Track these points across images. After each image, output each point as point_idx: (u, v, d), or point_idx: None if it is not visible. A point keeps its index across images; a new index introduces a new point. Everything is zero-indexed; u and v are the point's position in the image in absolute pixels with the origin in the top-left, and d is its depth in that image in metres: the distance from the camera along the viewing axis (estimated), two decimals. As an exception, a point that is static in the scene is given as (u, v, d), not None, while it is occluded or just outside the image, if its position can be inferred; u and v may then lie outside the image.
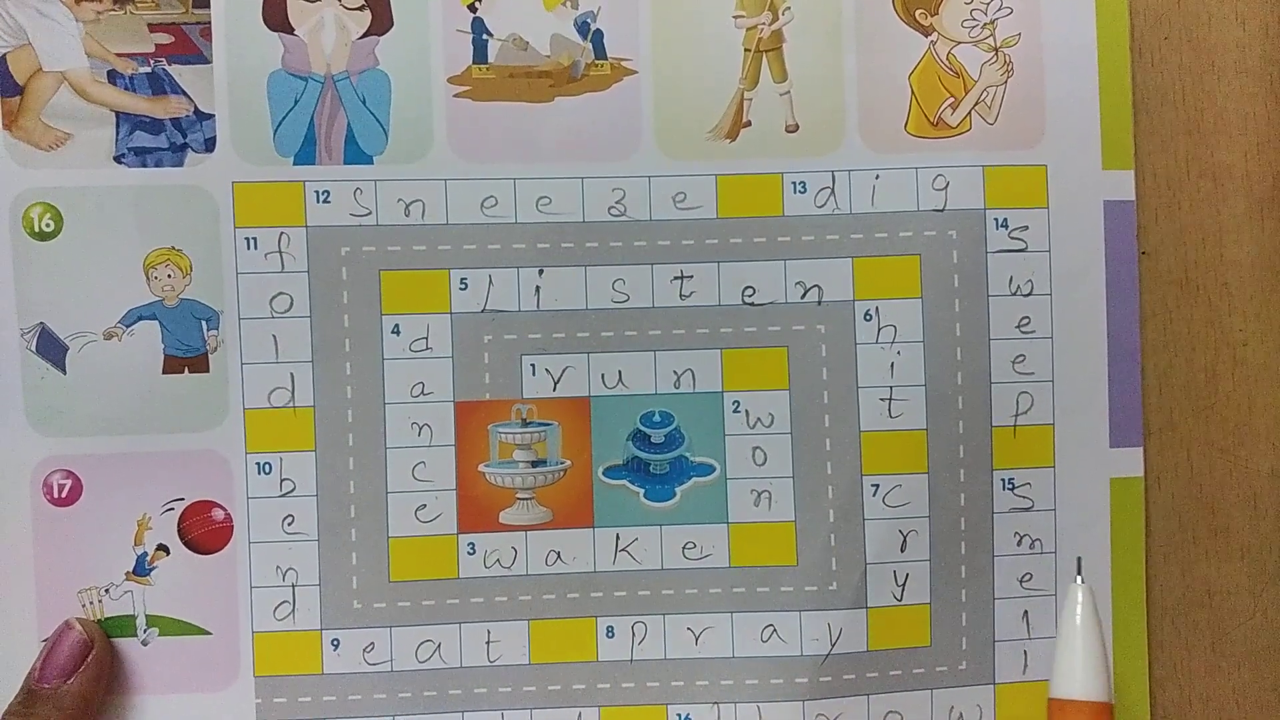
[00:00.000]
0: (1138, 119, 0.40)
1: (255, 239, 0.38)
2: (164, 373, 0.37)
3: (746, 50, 0.39)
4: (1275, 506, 0.40)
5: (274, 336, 0.38)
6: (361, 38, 0.38)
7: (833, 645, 0.39)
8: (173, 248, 0.37)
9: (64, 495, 0.37)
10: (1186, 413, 0.40)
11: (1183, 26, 0.40)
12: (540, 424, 0.38)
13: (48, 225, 0.37)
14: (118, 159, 0.37)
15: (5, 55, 0.37)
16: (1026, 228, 0.39)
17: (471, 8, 0.38)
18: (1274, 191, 0.40)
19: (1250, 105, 0.40)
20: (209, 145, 0.37)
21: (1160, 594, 0.40)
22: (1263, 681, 0.40)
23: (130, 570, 0.37)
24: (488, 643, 0.38)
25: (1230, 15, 0.40)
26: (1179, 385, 0.40)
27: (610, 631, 0.38)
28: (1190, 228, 0.40)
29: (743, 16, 0.39)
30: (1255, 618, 0.40)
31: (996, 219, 0.39)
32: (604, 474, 0.38)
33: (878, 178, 0.39)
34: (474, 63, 0.38)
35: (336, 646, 0.38)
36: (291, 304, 0.38)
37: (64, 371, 0.37)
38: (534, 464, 0.38)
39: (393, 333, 0.38)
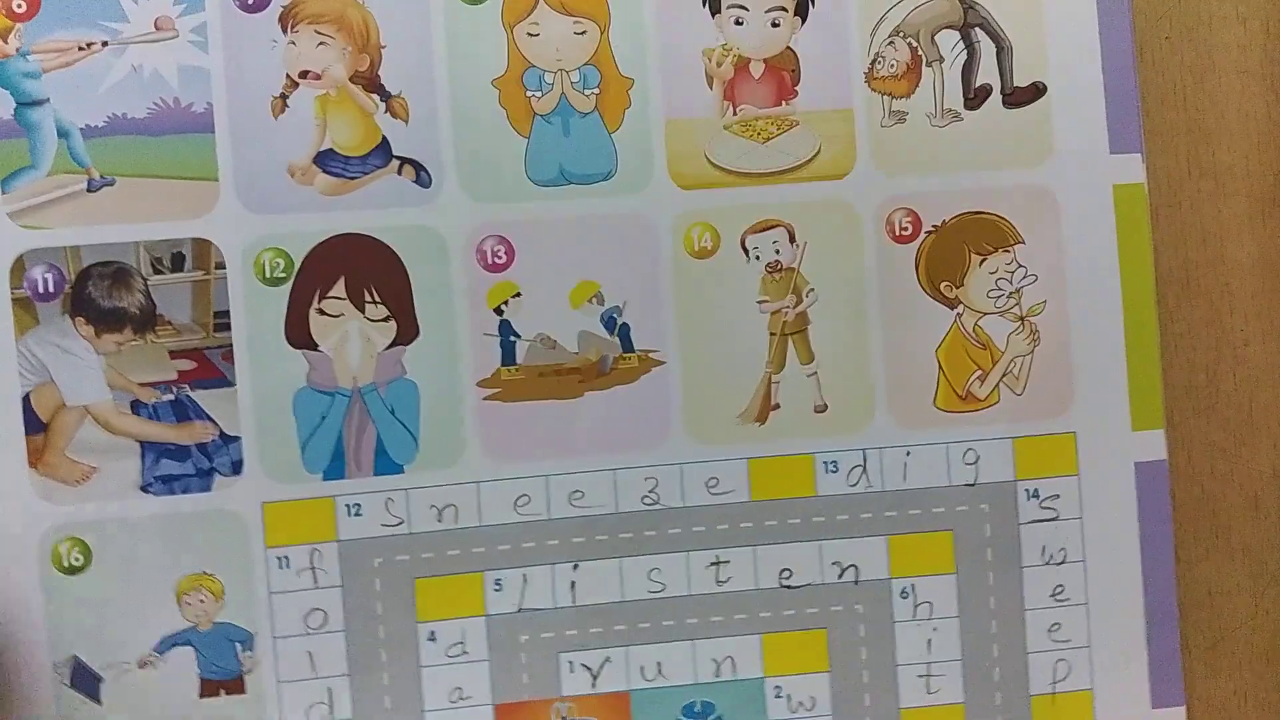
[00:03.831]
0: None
1: (287, 558, 0.37)
2: (200, 696, 0.37)
3: (772, 334, 0.39)
4: (1275, 506, 0.40)
5: (309, 653, 0.37)
6: (388, 349, 0.37)
7: None
8: (204, 572, 0.37)
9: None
10: (1187, 413, 0.40)
11: (1183, 26, 0.40)
12: (580, 720, 0.38)
13: (76, 559, 0.36)
14: (144, 488, 0.36)
15: (28, 394, 0.36)
16: (1057, 496, 0.39)
17: (498, 310, 0.38)
18: (1274, 191, 0.40)
19: (1251, 105, 0.40)
20: (236, 468, 0.37)
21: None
22: (1263, 682, 0.40)
23: None
24: None
25: (1231, 15, 0.40)
26: (1179, 385, 0.40)
27: None
28: (1190, 228, 0.40)
29: (767, 301, 0.39)
30: (1256, 618, 0.41)
31: (1028, 490, 0.39)
32: (647, 767, 0.38)
33: (909, 454, 0.39)
34: (502, 365, 0.38)
35: None
36: (326, 619, 0.37)
37: (99, 703, 0.36)
38: (576, 760, 0.38)
39: (429, 639, 0.38)
